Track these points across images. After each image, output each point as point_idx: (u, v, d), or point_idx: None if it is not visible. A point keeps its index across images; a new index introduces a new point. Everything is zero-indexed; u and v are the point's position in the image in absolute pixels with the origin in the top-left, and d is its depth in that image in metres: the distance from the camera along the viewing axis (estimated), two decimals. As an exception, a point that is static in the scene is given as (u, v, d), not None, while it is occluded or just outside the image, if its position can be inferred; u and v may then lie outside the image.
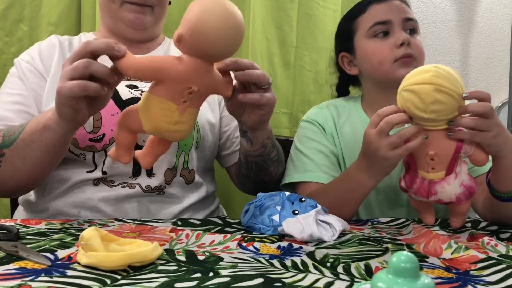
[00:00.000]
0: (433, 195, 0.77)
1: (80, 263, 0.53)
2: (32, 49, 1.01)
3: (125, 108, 0.70)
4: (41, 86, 0.95)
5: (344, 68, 1.12)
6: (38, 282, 0.48)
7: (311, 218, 0.73)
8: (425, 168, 0.76)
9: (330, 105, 1.14)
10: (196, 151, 0.98)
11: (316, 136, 1.08)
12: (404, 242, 0.74)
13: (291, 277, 0.52)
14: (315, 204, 0.77)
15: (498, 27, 1.99)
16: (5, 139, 0.81)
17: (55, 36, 1.03)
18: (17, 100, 0.92)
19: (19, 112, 0.91)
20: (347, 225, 0.79)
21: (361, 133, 0.83)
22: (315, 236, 0.71)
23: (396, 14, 1.02)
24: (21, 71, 0.96)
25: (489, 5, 1.99)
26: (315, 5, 1.67)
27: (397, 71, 0.99)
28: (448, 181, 0.75)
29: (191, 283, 0.49)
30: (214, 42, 0.63)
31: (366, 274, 0.56)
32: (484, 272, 0.58)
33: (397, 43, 0.99)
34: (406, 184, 0.80)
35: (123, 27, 1.01)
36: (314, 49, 1.68)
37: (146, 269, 0.53)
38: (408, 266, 0.38)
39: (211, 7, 0.63)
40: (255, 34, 1.59)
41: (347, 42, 1.09)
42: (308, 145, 1.07)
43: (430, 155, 0.74)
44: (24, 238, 0.65)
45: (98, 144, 0.89)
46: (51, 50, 0.99)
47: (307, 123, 1.11)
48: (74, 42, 1.03)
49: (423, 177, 0.77)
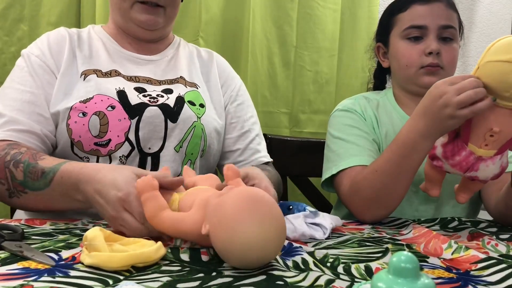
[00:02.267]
0: (473, 171, 0.76)
1: (83, 263, 0.53)
2: (41, 42, 0.96)
3: None
4: (51, 84, 0.91)
5: (378, 57, 1.15)
6: (40, 282, 0.48)
7: (301, 219, 0.74)
8: (479, 143, 0.74)
9: (362, 97, 1.13)
10: (201, 159, 0.97)
11: (357, 123, 1.05)
12: (404, 242, 0.74)
13: (292, 277, 0.53)
14: (303, 209, 0.77)
15: (498, 27, 2.00)
16: (27, 180, 0.77)
17: (64, 29, 0.99)
18: (29, 99, 0.88)
19: (31, 113, 0.87)
20: (339, 221, 0.79)
21: (398, 124, 0.82)
22: (307, 234, 0.72)
23: (434, 20, 1.01)
24: (31, 66, 0.92)
25: (489, 5, 1.99)
26: (315, 5, 1.67)
27: (420, 78, 1.00)
28: (494, 160, 0.76)
29: (194, 283, 0.50)
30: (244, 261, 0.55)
31: (366, 274, 0.56)
32: (485, 272, 0.58)
33: (426, 51, 1.00)
34: (446, 153, 0.77)
35: (134, 26, 0.99)
36: (314, 49, 1.68)
37: (149, 269, 0.54)
38: (409, 266, 0.38)
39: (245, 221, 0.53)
40: (255, 34, 1.59)
41: (384, 35, 1.11)
42: (349, 132, 1.04)
43: (494, 131, 0.72)
44: (29, 238, 0.65)
45: (103, 149, 0.88)
46: (60, 44, 0.95)
47: (344, 112, 1.09)
48: (83, 36, 1.00)
49: (471, 152, 0.75)
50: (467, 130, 0.75)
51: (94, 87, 0.91)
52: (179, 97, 0.96)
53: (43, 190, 0.76)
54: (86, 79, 0.92)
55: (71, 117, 0.88)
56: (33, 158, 0.78)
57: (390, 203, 0.88)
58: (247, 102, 1.11)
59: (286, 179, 1.37)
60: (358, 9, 1.74)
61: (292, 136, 1.63)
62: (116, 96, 0.91)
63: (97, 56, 0.97)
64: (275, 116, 1.65)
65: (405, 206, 1.04)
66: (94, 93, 0.90)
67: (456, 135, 0.77)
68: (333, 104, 1.67)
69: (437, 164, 0.79)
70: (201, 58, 1.10)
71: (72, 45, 0.96)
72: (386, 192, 0.86)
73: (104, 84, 0.92)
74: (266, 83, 1.64)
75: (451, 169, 0.78)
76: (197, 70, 1.06)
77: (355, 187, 0.92)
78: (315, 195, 1.40)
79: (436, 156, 0.79)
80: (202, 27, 1.55)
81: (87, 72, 0.94)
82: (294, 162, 1.35)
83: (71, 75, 0.93)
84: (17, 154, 0.79)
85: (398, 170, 0.84)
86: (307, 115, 1.70)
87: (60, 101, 0.90)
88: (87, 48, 0.98)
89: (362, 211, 0.91)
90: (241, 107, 1.08)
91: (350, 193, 0.94)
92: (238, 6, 1.59)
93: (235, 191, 0.57)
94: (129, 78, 0.96)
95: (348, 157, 0.98)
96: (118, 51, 1.00)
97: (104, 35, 1.02)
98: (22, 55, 0.95)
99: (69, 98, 0.90)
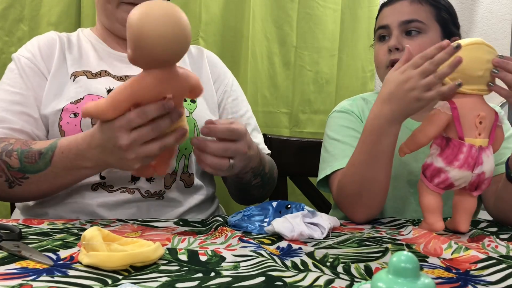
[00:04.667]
0: (480, 166, 0.78)
1: (82, 263, 0.53)
2: (31, 45, 0.97)
3: None
4: (42, 86, 0.92)
5: None
6: (39, 282, 0.48)
7: (299, 218, 0.74)
8: (474, 134, 0.77)
9: (360, 98, 1.14)
10: None
11: (353, 124, 1.06)
12: (404, 242, 0.74)
13: (291, 277, 0.53)
14: (302, 208, 0.77)
15: (498, 27, 2.00)
16: (25, 165, 0.78)
17: (54, 32, 1.00)
18: (18, 100, 0.90)
19: (20, 114, 0.88)
20: (336, 222, 0.79)
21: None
22: (305, 234, 0.72)
23: (394, 18, 1.03)
24: (21, 68, 0.93)
25: (489, 5, 1.99)
26: (315, 5, 1.67)
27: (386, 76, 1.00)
28: (490, 150, 0.79)
29: (193, 283, 0.50)
30: (158, 47, 0.62)
31: (366, 274, 0.56)
32: (485, 272, 0.58)
33: (388, 48, 1.02)
34: (448, 158, 0.78)
35: (120, 27, 0.98)
36: (314, 49, 1.68)
37: (148, 269, 0.54)
38: (408, 266, 0.38)
39: (145, 16, 0.62)
40: (255, 34, 1.59)
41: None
42: (345, 133, 1.05)
43: (481, 117, 0.77)
44: (27, 238, 0.65)
45: None
46: (51, 47, 0.96)
47: (341, 113, 1.10)
48: (72, 39, 1.01)
49: (471, 144, 0.77)
50: (458, 126, 0.77)
51: (84, 88, 0.91)
52: None
53: (45, 170, 0.77)
54: (75, 80, 0.93)
55: (63, 119, 0.88)
56: (24, 145, 0.80)
57: (374, 196, 0.87)
58: (241, 96, 1.11)
59: (286, 179, 1.37)
60: (358, 9, 1.74)
61: (292, 136, 1.63)
62: (106, 95, 0.90)
63: (86, 57, 0.98)
64: (275, 116, 1.65)
65: (403, 207, 1.04)
66: (84, 93, 0.90)
67: (447, 141, 0.79)
68: (333, 104, 1.67)
69: (439, 180, 0.79)
70: (190, 55, 1.10)
71: (62, 48, 0.97)
72: (367, 184, 0.86)
73: (94, 84, 0.92)
74: (266, 83, 1.64)
75: (459, 173, 0.77)
76: (187, 67, 1.05)
77: (340, 186, 0.93)
78: (315, 195, 1.40)
79: (437, 171, 0.79)
80: (202, 27, 1.55)
81: (76, 73, 0.94)
82: (294, 162, 1.35)
83: (61, 77, 0.94)
84: (7, 145, 0.80)
85: (372, 158, 0.85)
86: (307, 115, 1.70)
87: (50, 102, 0.90)
88: (77, 50, 0.99)
89: (350, 209, 0.91)
90: (236, 102, 1.08)
91: (337, 194, 0.95)
92: (238, 6, 1.59)
93: None
94: (119, 77, 0.96)
95: (342, 158, 0.99)
96: (107, 51, 1.00)
97: (93, 37, 1.03)
98: (13, 59, 0.96)
99: (59, 99, 0.90)
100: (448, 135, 0.79)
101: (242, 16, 1.59)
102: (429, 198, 0.81)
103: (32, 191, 0.81)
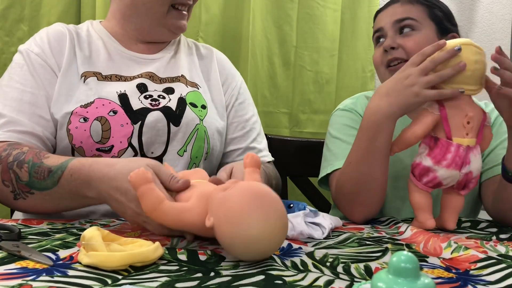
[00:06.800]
0: (467, 165, 0.79)
1: (81, 263, 0.53)
2: (40, 39, 0.93)
3: None
4: (52, 83, 0.89)
5: None
6: (39, 281, 0.48)
7: (300, 218, 0.74)
8: (461, 134, 0.78)
9: (363, 96, 1.14)
10: (205, 162, 0.97)
11: (356, 123, 1.06)
12: (403, 242, 0.74)
13: (291, 276, 0.53)
14: (303, 208, 0.77)
15: (498, 27, 1.99)
16: (33, 180, 0.75)
17: (63, 25, 0.97)
18: (29, 99, 0.86)
19: (31, 115, 0.85)
20: (338, 222, 0.79)
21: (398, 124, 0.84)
22: (305, 233, 0.72)
23: (388, 19, 1.04)
24: (31, 64, 0.89)
25: (489, 5, 1.99)
26: (315, 5, 1.68)
27: (386, 77, 1.00)
28: (478, 149, 0.80)
29: (192, 283, 0.50)
30: (261, 249, 0.57)
31: (366, 274, 0.56)
32: (484, 272, 0.58)
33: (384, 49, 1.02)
34: (436, 158, 0.79)
35: (164, 31, 0.98)
36: (314, 49, 1.68)
37: (147, 269, 0.53)
38: (408, 266, 0.38)
39: (267, 227, 0.55)
40: (255, 34, 1.59)
41: None
42: (347, 132, 1.05)
43: (469, 117, 0.78)
44: (26, 238, 0.65)
45: (106, 155, 0.86)
46: (61, 42, 0.93)
47: (344, 112, 1.10)
48: (81, 34, 0.97)
49: (458, 144, 0.78)
50: (446, 126, 0.78)
51: (94, 91, 0.89)
52: (181, 99, 0.95)
53: (51, 189, 0.74)
54: (86, 82, 0.91)
55: (71, 122, 0.86)
56: (37, 157, 0.77)
57: (371, 195, 0.87)
58: (248, 100, 1.10)
59: (286, 179, 1.37)
60: (358, 9, 1.74)
61: (292, 136, 1.63)
62: (117, 100, 0.89)
63: (96, 56, 0.95)
64: (275, 116, 1.65)
65: (402, 207, 1.04)
66: (94, 96, 0.89)
67: (435, 140, 0.80)
68: (333, 104, 1.67)
69: (428, 179, 0.80)
70: (200, 55, 1.09)
71: (72, 43, 0.94)
72: (364, 182, 0.86)
73: (104, 88, 0.90)
74: (266, 83, 1.64)
75: (447, 172, 0.79)
76: (197, 69, 1.05)
77: (338, 185, 0.93)
78: (315, 195, 1.40)
79: (425, 170, 0.80)
80: (202, 27, 1.55)
81: (87, 74, 0.92)
82: (294, 162, 1.35)
83: (72, 76, 0.91)
84: (20, 154, 0.77)
85: (368, 155, 0.85)
86: (307, 115, 1.70)
87: (60, 102, 0.88)
88: (87, 47, 0.96)
89: (348, 208, 0.91)
90: (242, 106, 1.07)
91: (335, 192, 0.95)
92: (238, 6, 1.59)
93: (241, 185, 0.58)
94: (132, 77, 0.95)
95: (343, 157, 0.98)
96: (119, 51, 0.98)
97: (104, 33, 1.00)
98: (20, 52, 0.92)
99: (69, 102, 0.88)
100: (437, 134, 0.80)
101: (242, 16, 1.59)
102: (419, 197, 0.82)
103: (36, 206, 0.79)
